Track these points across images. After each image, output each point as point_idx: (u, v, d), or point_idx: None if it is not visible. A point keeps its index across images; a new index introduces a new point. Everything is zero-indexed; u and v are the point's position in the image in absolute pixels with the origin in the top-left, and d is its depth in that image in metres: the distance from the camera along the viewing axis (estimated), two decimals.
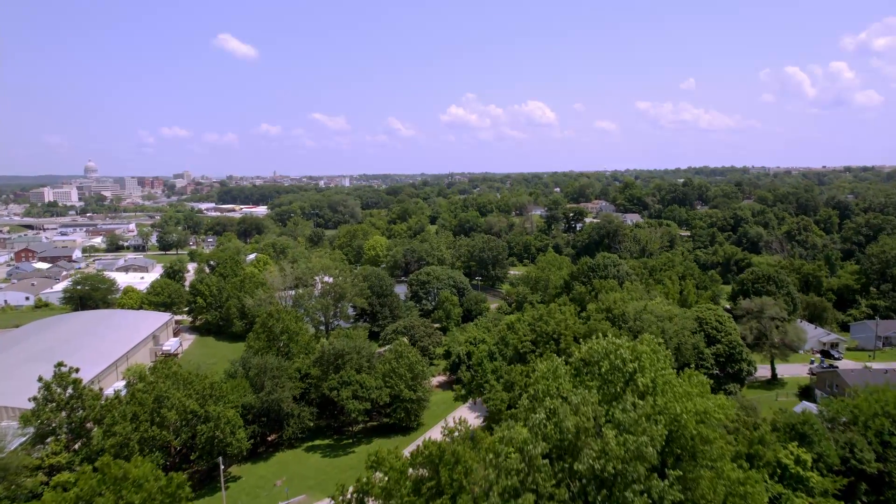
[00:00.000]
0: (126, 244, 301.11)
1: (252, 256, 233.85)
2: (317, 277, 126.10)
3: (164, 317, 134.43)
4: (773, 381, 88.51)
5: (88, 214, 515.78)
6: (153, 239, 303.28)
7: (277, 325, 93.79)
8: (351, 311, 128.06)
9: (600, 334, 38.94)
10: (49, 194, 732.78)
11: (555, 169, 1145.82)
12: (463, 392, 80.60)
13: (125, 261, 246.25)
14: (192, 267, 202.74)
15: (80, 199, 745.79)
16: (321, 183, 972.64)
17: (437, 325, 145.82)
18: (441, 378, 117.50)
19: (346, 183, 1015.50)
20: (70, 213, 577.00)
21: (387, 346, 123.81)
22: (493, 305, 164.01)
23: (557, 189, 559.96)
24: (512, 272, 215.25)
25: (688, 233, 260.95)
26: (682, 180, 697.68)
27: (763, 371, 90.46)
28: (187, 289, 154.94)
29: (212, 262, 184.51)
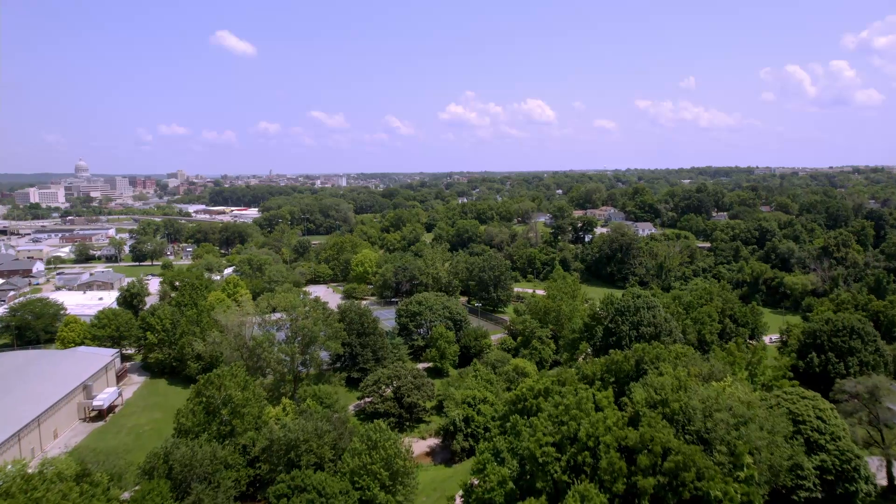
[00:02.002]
0: (97, 254, 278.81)
1: (229, 270, 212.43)
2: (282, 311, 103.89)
3: (105, 357, 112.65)
4: (892, 494, 65.16)
5: (70, 217, 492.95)
6: (127, 248, 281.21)
7: (217, 395, 72.15)
8: (326, 356, 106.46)
9: None
10: (35, 195, 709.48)
11: (554, 168, 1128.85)
12: None
13: (91, 275, 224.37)
14: (156, 286, 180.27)
15: (66, 200, 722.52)
16: (318, 182, 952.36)
17: (429, 365, 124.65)
18: (433, 441, 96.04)
19: (343, 182, 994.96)
20: (53, 215, 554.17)
21: (367, 399, 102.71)
22: (496, 337, 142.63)
23: (560, 191, 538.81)
24: (516, 289, 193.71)
25: (707, 244, 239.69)
26: (687, 181, 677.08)
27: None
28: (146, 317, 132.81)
29: (177, 283, 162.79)
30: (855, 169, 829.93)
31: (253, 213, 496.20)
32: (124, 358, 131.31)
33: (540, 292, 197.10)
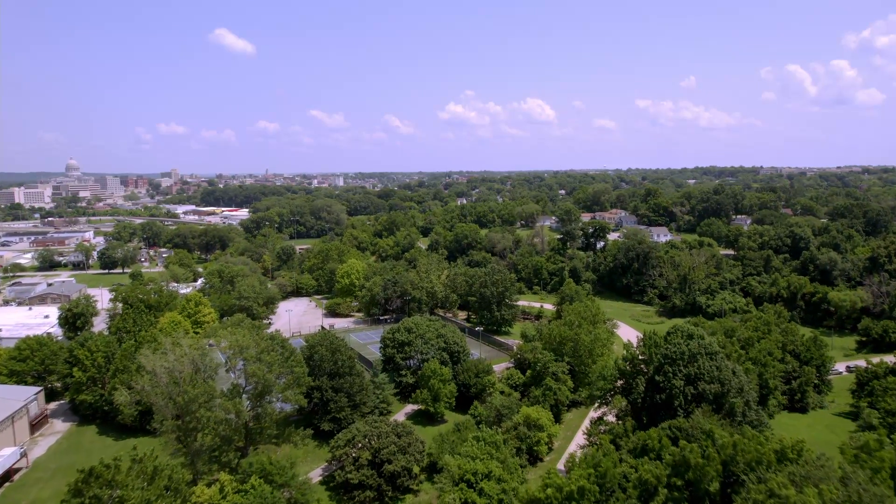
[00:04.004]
0: (63, 261, 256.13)
1: (200, 283, 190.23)
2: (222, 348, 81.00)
3: (13, 403, 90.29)
4: None
5: (50, 218, 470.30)
6: (96, 254, 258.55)
7: (105, 494, 49.78)
8: (286, 407, 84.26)
9: None
10: (20, 194, 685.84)
11: (554, 167, 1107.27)
12: None
13: (49, 285, 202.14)
14: (107, 301, 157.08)
15: (52, 200, 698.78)
16: (314, 182, 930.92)
17: (420, 407, 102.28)
18: None
19: (340, 182, 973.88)
20: (35, 216, 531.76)
21: (337, 462, 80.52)
22: (500, 367, 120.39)
23: (563, 192, 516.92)
24: (521, 302, 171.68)
25: (730, 251, 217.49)
26: (692, 181, 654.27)
27: None
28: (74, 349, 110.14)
29: (130, 300, 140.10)
30: (864, 169, 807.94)
31: (244, 214, 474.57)
32: (52, 395, 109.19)
33: (548, 306, 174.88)
